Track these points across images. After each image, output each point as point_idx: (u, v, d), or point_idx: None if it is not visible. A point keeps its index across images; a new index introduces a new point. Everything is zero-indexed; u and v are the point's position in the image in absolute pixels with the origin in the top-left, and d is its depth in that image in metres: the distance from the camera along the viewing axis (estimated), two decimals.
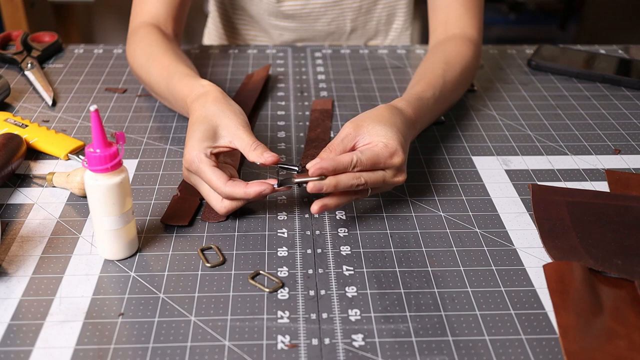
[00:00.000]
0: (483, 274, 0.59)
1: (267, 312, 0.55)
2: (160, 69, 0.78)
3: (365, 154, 0.61)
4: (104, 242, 0.59)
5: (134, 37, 0.86)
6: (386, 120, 0.65)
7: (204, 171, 0.62)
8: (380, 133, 0.63)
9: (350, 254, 0.62)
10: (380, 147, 0.62)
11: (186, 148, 0.64)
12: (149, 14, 0.88)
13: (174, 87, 0.75)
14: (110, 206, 0.56)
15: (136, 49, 0.84)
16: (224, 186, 0.61)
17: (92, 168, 0.55)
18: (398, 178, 0.64)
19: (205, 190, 0.64)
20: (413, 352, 0.51)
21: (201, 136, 0.63)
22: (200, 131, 0.64)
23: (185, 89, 0.72)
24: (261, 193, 0.61)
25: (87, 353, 0.51)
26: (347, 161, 0.60)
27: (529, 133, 0.84)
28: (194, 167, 0.62)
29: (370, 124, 0.64)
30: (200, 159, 0.62)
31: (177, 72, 0.75)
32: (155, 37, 0.84)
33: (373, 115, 0.66)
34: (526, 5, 2.74)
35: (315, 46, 1.09)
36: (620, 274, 0.59)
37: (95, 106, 0.53)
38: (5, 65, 0.99)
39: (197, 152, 0.62)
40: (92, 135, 0.54)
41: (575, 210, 0.67)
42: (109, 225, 0.58)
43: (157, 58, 0.80)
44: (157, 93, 0.82)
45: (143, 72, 0.83)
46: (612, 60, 1.02)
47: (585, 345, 0.51)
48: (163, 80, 0.77)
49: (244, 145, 0.63)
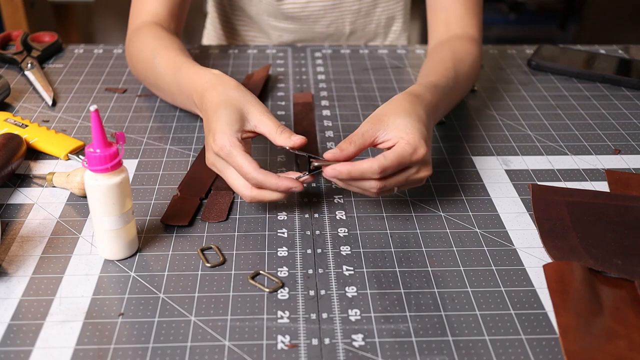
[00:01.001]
0: (483, 274, 0.59)
1: (267, 312, 0.55)
2: (167, 61, 0.77)
3: (388, 159, 0.59)
4: (104, 242, 0.59)
5: (136, 35, 0.85)
6: (407, 112, 0.63)
7: (235, 156, 0.60)
8: (401, 127, 0.61)
9: (350, 254, 0.62)
10: (403, 146, 0.60)
11: (217, 133, 0.62)
12: (150, 13, 0.88)
13: (182, 75, 0.73)
14: (110, 206, 0.56)
15: (140, 44, 0.83)
16: (255, 172, 0.60)
17: (92, 168, 0.55)
18: (422, 174, 0.62)
19: (232, 177, 0.62)
20: (413, 352, 0.51)
21: (231, 120, 0.62)
22: (228, 115, 0.62)
23: (196, 77, 0.70)
24: (291, 189, 0.60)
25: (87, 353, 0.51)
26: (366, 168, 0.58)
27: (529, 133, 0.84)
28: (225, 151, 0.61)
29: (390, 117, 0.62)
30: (232, 142, 0.61)
31: (185, 63, 0.74)
32: (160, 32, 0.83)
33: (393, 107, 0.64)
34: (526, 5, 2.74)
35: (315, 46, 1.09)
36: (620, 274, 0.59)
37: (95, 106, 0.53)
38: (5, 65, 0.99)
39: (229, 136, 0.61)
40: (92, 135, 0.54)
41: (575, 210, 0.67)
42: (109, 225, 0.58)
43: (163, 50, 0.79)
44: (161, 86, 0.80)
45: (148, 65, 0.81)
46: (612, 60, 1.02)
47: (585, 345, 0.51)
48: (170, 72, 0.76)
49: (270, 129, 0.62)
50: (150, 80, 0.83)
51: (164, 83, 0.78)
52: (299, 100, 0.90)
